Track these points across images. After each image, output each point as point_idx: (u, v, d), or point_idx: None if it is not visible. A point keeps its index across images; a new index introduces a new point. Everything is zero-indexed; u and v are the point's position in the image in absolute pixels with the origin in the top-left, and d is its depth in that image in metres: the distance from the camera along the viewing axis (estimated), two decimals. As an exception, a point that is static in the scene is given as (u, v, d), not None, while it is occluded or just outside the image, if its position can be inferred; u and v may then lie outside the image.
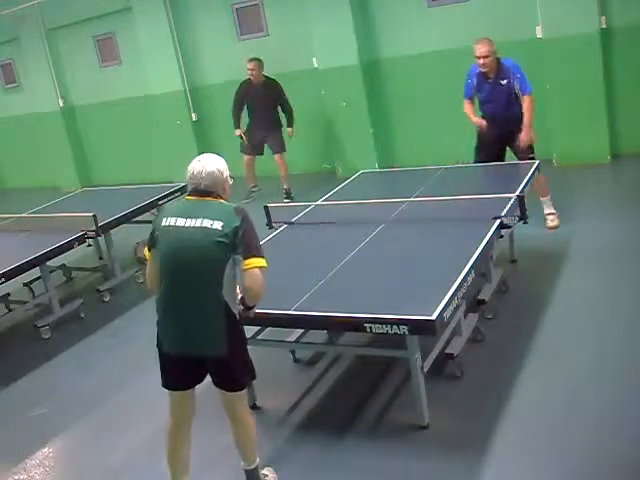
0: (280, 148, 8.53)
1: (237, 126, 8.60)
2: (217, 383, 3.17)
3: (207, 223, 2.96)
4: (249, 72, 8.29)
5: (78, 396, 4.61)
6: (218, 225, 2.95)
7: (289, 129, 8.43)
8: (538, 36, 7.61)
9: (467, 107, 6.00)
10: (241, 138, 8.59)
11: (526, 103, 5.71)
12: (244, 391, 3.20)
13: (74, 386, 4.74)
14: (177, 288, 3.01)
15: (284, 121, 8.52)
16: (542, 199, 6.02)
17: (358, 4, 8.68)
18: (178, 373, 3.15)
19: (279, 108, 8.45)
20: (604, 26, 7.41)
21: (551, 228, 5.97)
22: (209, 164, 3.11)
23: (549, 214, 6.02)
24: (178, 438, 3.26)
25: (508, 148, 6.00)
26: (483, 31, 7.54)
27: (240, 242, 2.95)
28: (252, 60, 8.31)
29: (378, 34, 8.80)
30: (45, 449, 4.12)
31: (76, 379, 4.85)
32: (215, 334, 2.98)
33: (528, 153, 5.83)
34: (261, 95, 8.36)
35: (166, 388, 3.20)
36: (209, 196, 3.08)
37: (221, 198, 3.13)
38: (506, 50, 6.20)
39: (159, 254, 3.05)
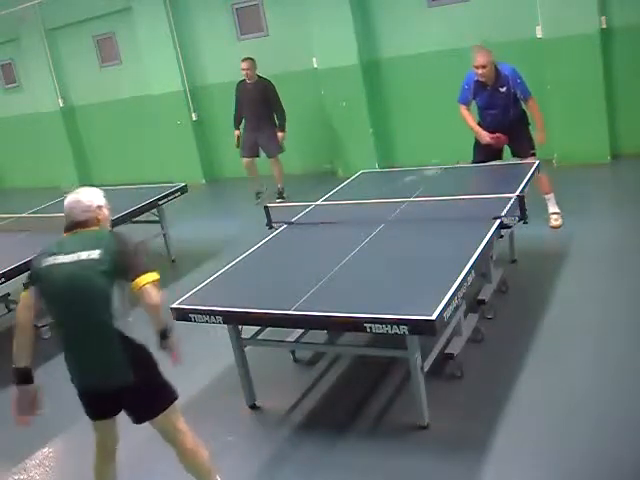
0: (273, 152, 8.38)
1: (235, 127, 8.61)
2: (137, 417, 3.06)
3: (84, 255, 2.86)
4: (243, 72, 8.27)
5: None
6: (95, 254, 2.85)
7: (280, 133, 8.26)
8: (538, 36, 7.61)
9: (464, 112, 5.89)
10: (236, 140, 8.59)
11: (534, 107, 5.71)
12: (171, 411, 3.06)
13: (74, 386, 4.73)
14: (70, 326, 2.94)
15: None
16: (546, 197, 6.03)
17: (358, 4, 8.68)
18: (95, 405, 3.07)
19: (272, 108, 8.32)
20: (604, 26, 7.42)
21: (554, 227, 5.99)
22: (80, 196, 3.03)
23: (553, 213, 6.03)
24: (104, 463, 3.19)
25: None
26: (483, 31, 7.58)
27: (123, 265, 2.87)
28: (246, 59, 8.27)
29: (378, 34, 8.80)
30: (45, 449, 4.13)
31: (76, 379, 4.85)
32: (117, 364, 2.90)
33: (528, 150, 5.83)
34: (253, 95, 8.27)
35: (87, 415, 3.12)
36: (81, 226, 2.99)
37: (96, 227, 3.03)
38: (506, 50, 6.21)
39: (45, 296, 2.94)
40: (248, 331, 4.00)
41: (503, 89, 5.69)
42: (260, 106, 8.22)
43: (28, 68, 11.87)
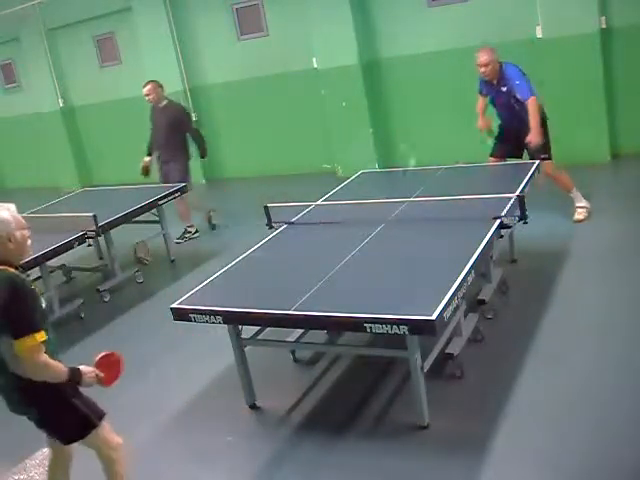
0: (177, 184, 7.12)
1: (147, 152, 7.63)
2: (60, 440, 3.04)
3: None
4: (145, 97, 7.35)
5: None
6: None
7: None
8: (538, 36, 7.62)
9: (479, 103, 6.13)
10: (142, 168, 7.58)
11: (530, 108, 5.72)
12: (91, 437, 2.95)
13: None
14: None
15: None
16: (570, 194, 6.12)
17: (358, 4, 8.68)
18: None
19: (186, 136, 7.46)
20: (604, 26, 7.42)
21: (577, 221, 6.06)
22: None
23: (578, 207, 6.11)
24: (57, 470, 3.19)
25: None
26: (483, 31, 7.59)
27: (3, 321, 2.61)
28: (147, 83, 7.34)
29: (378, 34, 8.81)
30: (45, 449, 4.10)
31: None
32: (16, 401, 2.87)
33: (540, 153, 5.84)
34: (159, 121, 7.37)
35: None
36: None
37: (10, 264, 2.72)
38: (506, 50, 6.21)
39: None
40: (248, 331, 4.00)
41: (504, 89, 5.78)
42: (168, 133, 7.30)
43: (28, 68, 11.87)
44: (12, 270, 2.73)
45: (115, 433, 3.07)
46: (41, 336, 2.63)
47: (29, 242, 2.85)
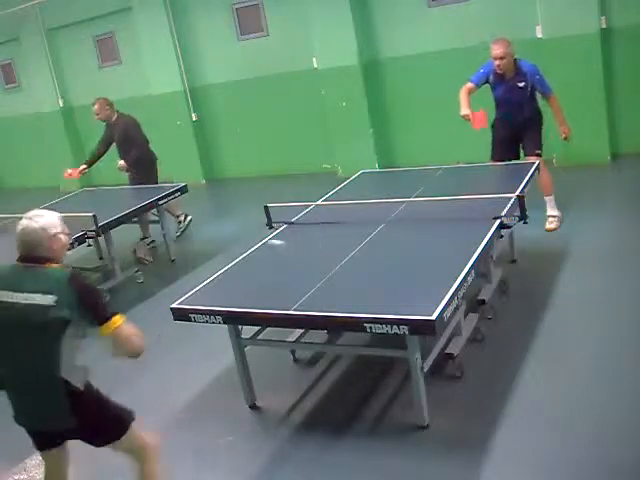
0: None
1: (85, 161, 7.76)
2: (93, 444, 2.96)
3: (38, 298, 2.65)
4: (95, 117, 7.35)
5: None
6: (50, 300, 2.63)
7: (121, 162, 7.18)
8: (538, 36, 7.62)
9: (464, 90, 5.65)
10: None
11: (555, 103, 5.73)
12: (125, 438, 2.94)
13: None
14: (11, 367, 2.80)
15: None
16: (546, 198, 6.00)
17: (358, 4, 8.68)
18: (40, 440, 2.96)
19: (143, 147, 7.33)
20: (604, 26, 7.42)
21: (549, 230, 5.95)
22: (34, 225, 2.76)
23: (550, 216, 6.00)
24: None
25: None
26: (483, 31, 7.59)
27: (86, 311, 2.67)
28: (95, 101, 7.31)
29: (378, 34, 8.81)
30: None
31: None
32: (58, 411, 2.76)
33: (534, 149, 5.84)
34: (113, 137, 7.40)
35: (33, 446, 3.00)
36: (37, 262, 2.75)
37: (52, 262, 2.78)
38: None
39: None
40: (248, 331, 4.00)
41: (521, 84, 5.69)
42: (121, 148, 7.31)
43: (28, 68, 11.87)
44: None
45: (146, 433, 3.04)
46: (120, 316, 2.73)
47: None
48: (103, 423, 2.91)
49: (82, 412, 2.78)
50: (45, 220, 2.80)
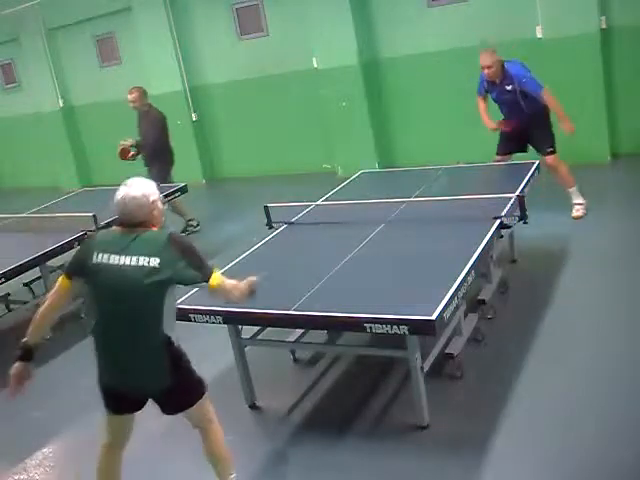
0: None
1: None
2: (168, 411, 3.05)
3: (143, 261, 2.77)
4: (130, 104, 7.54)
5: (78, 396, 4.60)
6: (155, 262, 2.76)
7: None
8: (538, 36, 7.61)
9: (480, 105, 6.16)
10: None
11: (548, 99, 5.80)
12: (201, 404, 3.07)
13: (74, 386, 4.73)
14: (113, 328, 2.89)
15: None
16: (569, 190, 6.13)
17: (358, 4, 8.68)
18: (118, 403, 3.03)
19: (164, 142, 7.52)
20: (604, 26, 7.42)
21: (575, 217, 6.09)
22: (133, 189, 2.91)
23: (576, 203, 6.13)
24: (110, 458, 3.13)
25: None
26: (483, 31, 7.58)
27: (190, 270, 2.80)
28: (133, 90, 7.53)
29: (378, 34, 8.81)
30: (45, 449, 4.12)
31: (76, 379, 4.83)
32: (156, 370, 2.88)
33: (545, 147, 5.94)
34: (141, 127, 7.64)
35: (106, 408, 3.06)
36: (138, 226, 2.88)
37: (152, 226, 2.92)
38: (506, 50, 6.21)
39: (93, 293, 2.92)
40: (248, 331, 3.99)
41: (509, 87, 5.83)
42: (147, 139, 7.53)
43: (28, 68, 11.87)
44: None
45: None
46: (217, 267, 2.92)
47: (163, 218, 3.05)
48: (189, 385, 3.01)
49: (177, 372, 2.90)
50: (145, 188, 2.95)
